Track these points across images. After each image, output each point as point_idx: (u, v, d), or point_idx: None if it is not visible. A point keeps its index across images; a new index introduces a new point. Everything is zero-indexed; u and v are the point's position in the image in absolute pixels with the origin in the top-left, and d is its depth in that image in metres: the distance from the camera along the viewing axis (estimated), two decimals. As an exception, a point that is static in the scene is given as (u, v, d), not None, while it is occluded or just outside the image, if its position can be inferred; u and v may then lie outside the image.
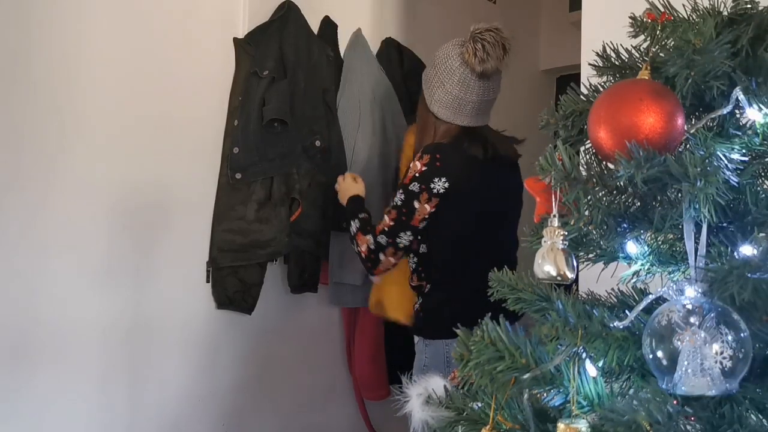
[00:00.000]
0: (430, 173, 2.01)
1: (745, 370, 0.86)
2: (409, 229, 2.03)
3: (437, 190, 2.01)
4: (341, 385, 2.66)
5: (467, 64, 2.02)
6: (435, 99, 2.09)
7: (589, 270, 1.07)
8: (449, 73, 2.05)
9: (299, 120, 2.32)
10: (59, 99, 1.92)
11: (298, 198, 2.29)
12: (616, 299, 1.08)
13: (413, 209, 2.02)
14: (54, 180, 1.91)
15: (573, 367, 0.93)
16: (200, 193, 2.22)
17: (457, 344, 0.97)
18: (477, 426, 1.02)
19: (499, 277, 1.10)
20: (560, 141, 1.03)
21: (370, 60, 2.66)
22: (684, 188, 0.86)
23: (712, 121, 0.97)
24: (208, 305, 2.25)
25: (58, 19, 1.91)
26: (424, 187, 2.01)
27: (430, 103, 2.11)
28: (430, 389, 1.12)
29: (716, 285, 0.85)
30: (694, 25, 0.96)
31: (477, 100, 2.06)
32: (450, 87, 2.05)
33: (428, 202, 2.02)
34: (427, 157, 2.03)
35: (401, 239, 2.03)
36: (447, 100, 2.07)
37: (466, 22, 2.16)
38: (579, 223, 0.96)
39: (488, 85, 2.07)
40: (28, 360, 1.86)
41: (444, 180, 2.01)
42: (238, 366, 2.33)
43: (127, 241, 2.05)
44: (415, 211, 2.02)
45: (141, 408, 2.09)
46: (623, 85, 0.95)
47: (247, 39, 2.32)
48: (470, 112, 2.08)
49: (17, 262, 1.84)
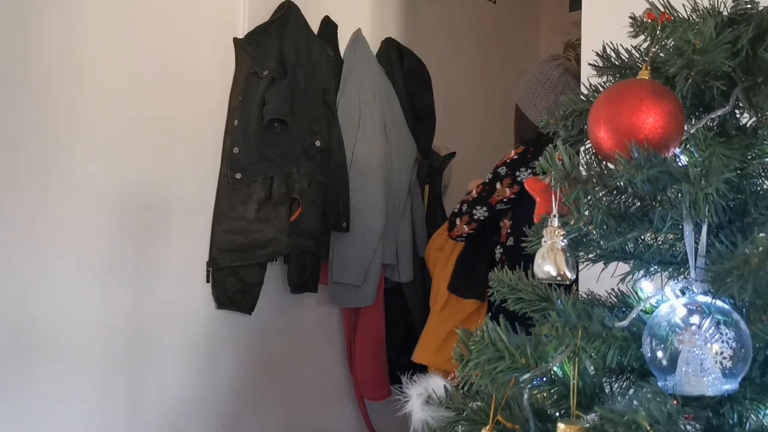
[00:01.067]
0: (520, 162, 2.13)
1: (745, 370, 0.86)
2: (486, 205, 2.18)
3: (521, 178, 2.11)
4: (341, 385, 2.66)
5: (569, 71, 2.16)
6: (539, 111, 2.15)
7: (589, 270, 1.07)
8: (551, 84, 2.17)
9: (299, 120, 2.32)
10: (59, 99, 1.91)
11: (298, 198, 2.29)
12: (616, 299, 1.08)
13: (494, 189, 2.16)
14: (54, 180, 1.91)
15: (573, 367, 0.93)
16: (200, 193, 2.22)
17: (457, 344, 0.97)
18: (477, 426, 1.02)
19: (499, 277, 1.10)
20: (560, 141, 1.03)
21: (370, 60, 2.65)
22: (684, 188, 0.86)
23: (712, 121, 0.97)
24: (208, 305, 2.25)
25: (58, 18, 1.91)
26: (509, 172, 2.14)
27: (536, 119, 2.15)
28: (430, 389, 1.12)
29: (716, 285, 0.85)
30: (694, 25, 0.96)
31: None
32: (554, 96, 2.15)
33: (510, 187, 2.14)
34: (522, 147, 2.16)
35: (477, 212, 2.19)
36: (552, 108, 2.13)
37: (466, 22, 2.16)
38: (579, 223, 0.96)
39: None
40: (28, 360, 1.86)
41: (530, 172, 2.09)
42: (238, 366, 2.33)
43: (127, 241, 2.05)
44: (495, 191, 2.16)
45: (141, 408, 2.09)
46: (623, 85, 0.95)
47: (247, 39, 2.32)
48: None
49: (17, 262, 1.84)
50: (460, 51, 3.16)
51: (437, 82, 2.85)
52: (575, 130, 1.04)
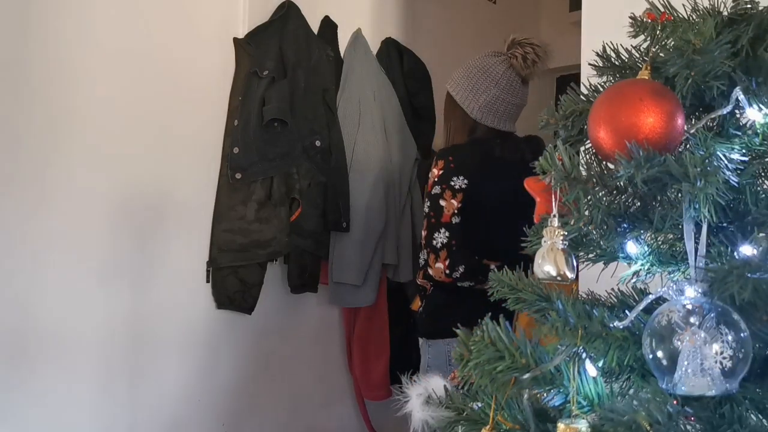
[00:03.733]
0: (447, 173, 2.07)
1: (745, 370, 0.86)
2: (442, 226, 2.04)
3: (458, 186, 2.06)
4: (341, 385, 2.66)
5: (513, 68, 2.13)
6: (480, 104, 2.14)
7: (589, 270, 1.07)
8: (494, 78, 2.13)
9: (299, 120, 2.32)
10: (58, 99, 1.92)
11: (298, 198, 2.29)
12: (616, 299, 1.08)
13: (440, 208, 2.06)
14: (54, 180, 1.91)
15: (573, 367, 0.93)
16: (200, 193, 2.22)
17: (457, 344, 0.97)
18: (477, 426, 1.02)
19: (499, 277, 1.10)
20: (560, 141, 1.03)
21: (370, 60, 2.66)
22: (684, 188, 0.85)
23: (712, 121, 0.97)
24: (208, 305, 2.25)
25: (57, 19, 1.91)
26: (444, 186, 2.06)
27: (471, 111, 2.15)
28: (430, 389, 1.12)
29: (716, 285, 0.85)
30: (694, 25, 0.96)
31: (518, 103, 2.17)
32: (497, 91, 2.13)
33: (453, 198, 2.06)
34: (441, 162, 2.09)
35: (436, 240, 2.04)
36: (492, 102, 2.14)
37: (466, 22, 2.17)
38: (579, 223, 0.96)
39: (525, 91, 2.19)
40: (28, 360, 1.86)
41: (462, 178, 2.06)
42: (238, 366, 2.33)
43: (127, 241, 2.05)
44: (442, 209, 2.06)
45: (141, 408, 2.09)
46: (623, 85, 0.95)
47: (247, 39, 2.32)
48: (510, 115, 2.17)
49: (17, 263, 1.84)
50: (460, 51, 3.15)
51: (437, 82, 2.84)
52: (575, 130, 1.04)
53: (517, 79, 2.14)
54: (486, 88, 2.13)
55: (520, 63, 2.13)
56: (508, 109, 2.15)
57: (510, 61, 2.14)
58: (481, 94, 2.14)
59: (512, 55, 2.14)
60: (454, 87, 2.21)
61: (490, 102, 2.13)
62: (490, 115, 2.14)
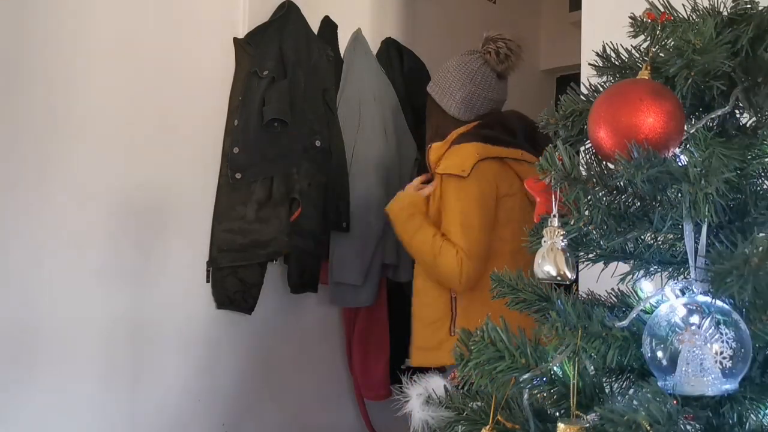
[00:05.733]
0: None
1: (745, 370, 0.86)
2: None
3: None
4: (341, 385, 2.66)
5: (488, 64, 2.16)
6: (456, 101, 2.17)
7: (589, 270, 1.07)
8: (470, 75, 2.17)
9: (299, 120, 2.32)
10: (58, 98, 1.92)
11: (298, 198, 2.29)
12: (616, 299, 1.08)
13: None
14: (54, 180, 1.91)
15: (573, 367, 0.93)
16: (200, 193, 2.22)
17: (457, 344, 0.97)
18: (477, 426, 1.02)
19: (499, 276, 1.10)
20: (560, 141, 1.03)
21: (370, 60, 2.65)
22: (684, 188, 0.86)
23: (712, 121, 0.97)
24: (208, 305, 2.25)
25: (57, 19, 1.91)
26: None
27: (449, 108, 2.18)
28: (430, 389, 1.12)
29: (716, 285, 0.85)
30: (694, 25, 0.96)
31: (495, 98, 2.19)
32: (472, 87, 2.16)
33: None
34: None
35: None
36: (468, 98, 2.17)
37: (466, 22, 2.17)
38: (579, 223, 0.96)
39: (503, 86, 2.21)
40: (29, 360, 1.86)
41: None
42: (238, 366, 2.33)
43: (127, 241, 2.05)
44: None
45: (141, 408, 2.09)
46: (623, 85, 0.95)
47: (247, 39, 2.32)
48: (487, 108, 2.18)
49: (17, 262, 1.84)
50: (460, 51, 3.15)
51: (437, 82, 2.84)
52: (575, 130, 1.04)
53: (492, 74, 2.17)
54: (462, 85, 2.16)
55: (493, 58, 2.15)
56: (485, 104, 2.17)
57: (484, 57, 2.17)
58: (457, 91, 2.17)
59: (486, 51, 2.17)
60: (432, 87, 2.25)
61: (467, 98, 2.16)
62: (467, 111, 2.17)
